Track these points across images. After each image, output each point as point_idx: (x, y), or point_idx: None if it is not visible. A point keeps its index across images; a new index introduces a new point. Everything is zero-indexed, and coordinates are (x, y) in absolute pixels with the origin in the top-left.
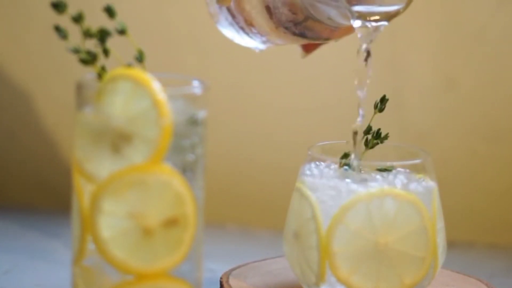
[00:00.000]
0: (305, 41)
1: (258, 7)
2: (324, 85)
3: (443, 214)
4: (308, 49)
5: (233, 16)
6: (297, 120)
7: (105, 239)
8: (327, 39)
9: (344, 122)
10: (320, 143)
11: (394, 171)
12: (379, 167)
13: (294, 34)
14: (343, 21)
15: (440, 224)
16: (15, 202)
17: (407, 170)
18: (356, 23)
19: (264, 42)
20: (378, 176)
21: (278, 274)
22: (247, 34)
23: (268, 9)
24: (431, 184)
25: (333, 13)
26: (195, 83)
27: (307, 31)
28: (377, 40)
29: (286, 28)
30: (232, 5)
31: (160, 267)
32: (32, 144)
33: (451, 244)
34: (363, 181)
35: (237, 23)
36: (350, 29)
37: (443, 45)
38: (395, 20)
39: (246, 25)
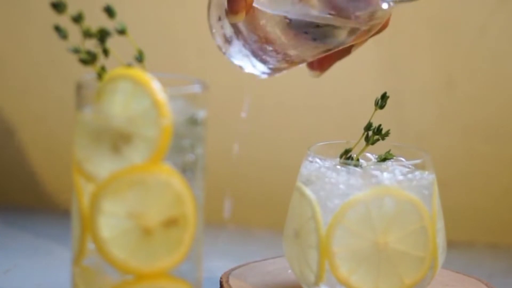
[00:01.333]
0: (322, 49)
1: (274, 17)
2: (324, 85)
3: (443, 214)
4: (322, 65)
5: (244, 41)
6: (297, 119)
7: (105, 239)
8: (346, 44)
9: (344, 122)
10: (320, 143)
11: (393, 168)
12: (378, 158)
13: (314, 39)
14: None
15: (440, 224)
16: (15, 202)
17: (409, 166)
18: (384, 5)
19: (278, 61)
20: (378, 174)
21: (278, 274)
22: (259, 57)
23: (286, 16)
24: (431, 183)
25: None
26: (195, 83)
27: (327, 34)
28: (377, 40)
29: (306, 32)
30: (243, 28)
31: (160, 267)
32: (32, 144)
33: (451, 244)
34: (363, 180)
35: (249, 44)
36: (366, 34)
37: (443, 45)
38: (395, 20)
39: (261, 45)
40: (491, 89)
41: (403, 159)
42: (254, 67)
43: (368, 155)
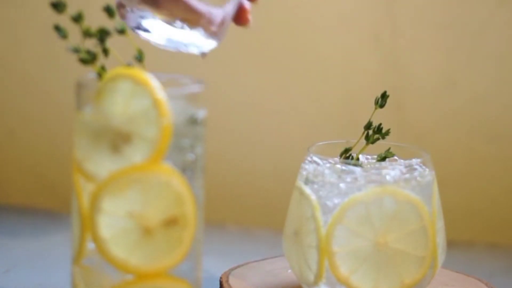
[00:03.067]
0: None
1: None
2: (324, 85)
3: (443, 214)
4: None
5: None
6: (297, 120)
7: (105, 239)
8: None
9: (344, 121)
10: (320, 143)
11: (393, 168)
12: (379, 157)
13: None
14: None
15: (440, 224)
16: (15, 201)
17: (409, 166)
18: None
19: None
20: (378, 174)
21: (278, 274)
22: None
23: None
24: (431, 183)
25: None
26: (195, 83)
27: None
28: (378, 39)
29: None
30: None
31: (160, 267)
32: (32, 143)
33: (451, 244)
34: (363, 179)
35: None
36: None
37: (443, 44)
38: (395, 20)
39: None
40: (492, 89)
41: (403, 159)
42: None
43: (360, 157)
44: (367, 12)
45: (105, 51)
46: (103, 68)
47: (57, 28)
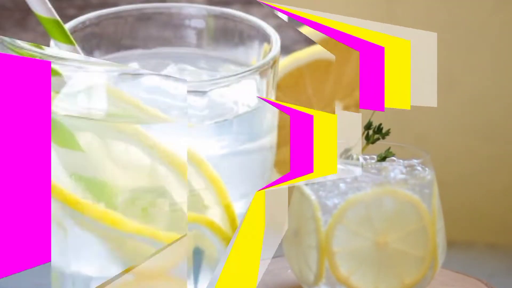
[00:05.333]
0: None
1: None
2: None
3: (443, 214)
4: None
5: None
6: None
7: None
8: None
9: (344, 121)
10: None
11: (393, 168)
12: (378, 157)
13: None
14: None
15: (440, 224)
16: None
17: (409, 166)
18: None
19: None
20: (378, 174)
21: (278, 274)
22: None
23: None
24: (431, 183)
25: None
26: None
27: None
28: None
29: None
30: None
31: (160, 266)
32: None
33: (451, 244)
34: (363, 179)
35: None
36: None
37: (444, 45)
38: (395, 20)
39: None
40: (491, 89)
41: (402, 159)
42: None
43: (360, 157)
44: (367, 12)
45: None
46: None
47: None
